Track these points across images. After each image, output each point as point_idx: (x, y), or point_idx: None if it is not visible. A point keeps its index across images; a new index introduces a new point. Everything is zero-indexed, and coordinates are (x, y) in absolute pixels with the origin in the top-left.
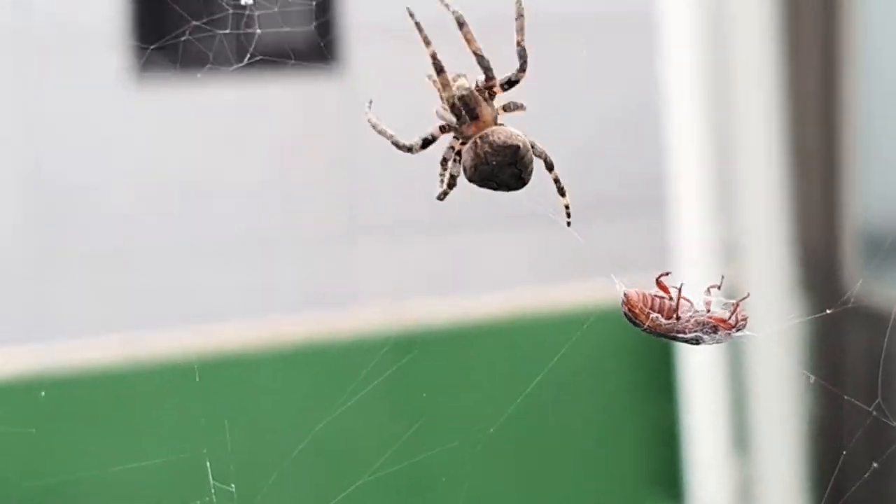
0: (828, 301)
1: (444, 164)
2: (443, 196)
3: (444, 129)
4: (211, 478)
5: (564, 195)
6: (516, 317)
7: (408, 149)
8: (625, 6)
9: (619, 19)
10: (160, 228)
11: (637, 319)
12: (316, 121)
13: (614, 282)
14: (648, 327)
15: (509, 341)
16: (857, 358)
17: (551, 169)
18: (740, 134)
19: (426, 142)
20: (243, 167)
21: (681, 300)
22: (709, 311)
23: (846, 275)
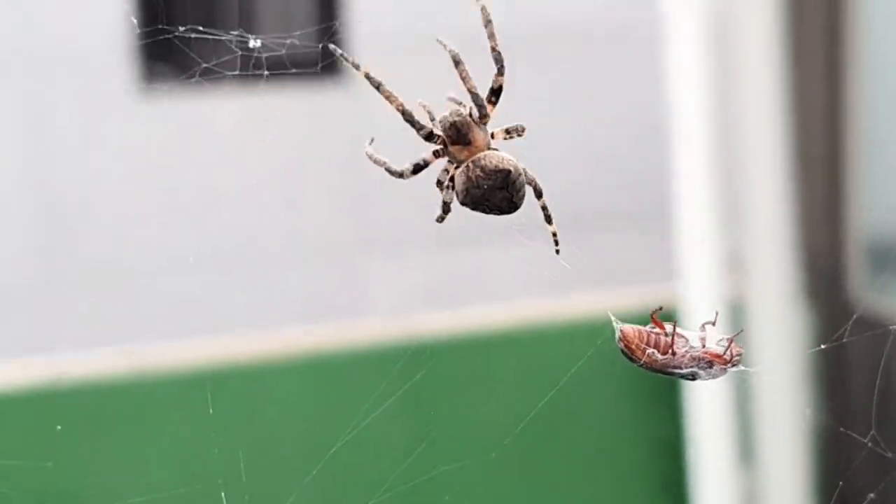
0: (832, 309)
1: (440, 185)
2: (441, 219)
3: (437, 155)
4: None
5: (551, 223)
6: (526, 329)
7: (399, 174)
8: (631, 20)
9: (626, 33)
10: (169, 241)
11: (633, 355)
12: (324, 133)
13: (612, 319)
14: (644, 363)
15: (519, 354)
16: (860, 371)
17: (540, 196)
18: (745, 144)
19: (417, 167)
20: (251, 180)
21: (676, 336)
22: (704, 346)
23: (851, 284)
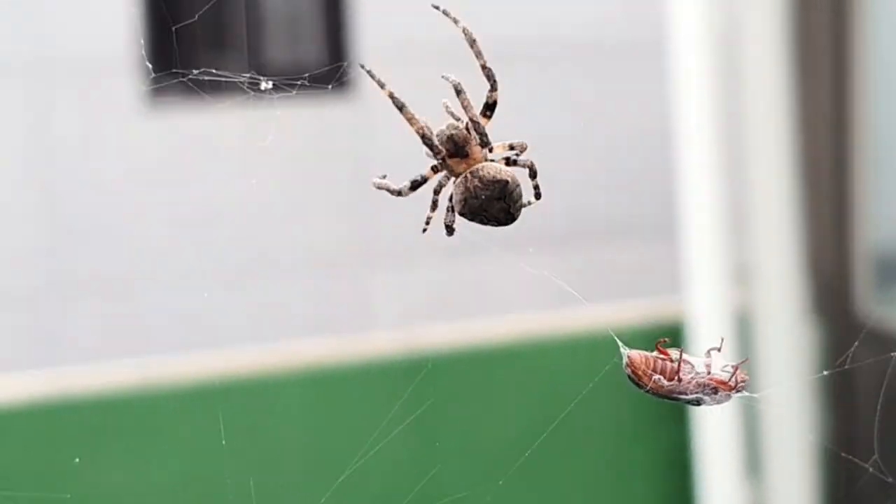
0: (840, 323)
1: (416, 186)
2: (449, 233)
3: (435, 170)
4: None
5: (539, 199)
6: (531, 342)
7: (398, 193)
8: (638, 34)
9: (633, 44)
10: (174, 254)
11: (640, 381)
12: (329, 146)
13: (619, 344)
14: (651, 389)
15: (525, 367)
16: (866, 389)
17: (534, 177)
18: (753, 157)
19: (415, 184)
20: (256, 193)
21: (682, 362)
22: (709, 372)
23: (858, 297)
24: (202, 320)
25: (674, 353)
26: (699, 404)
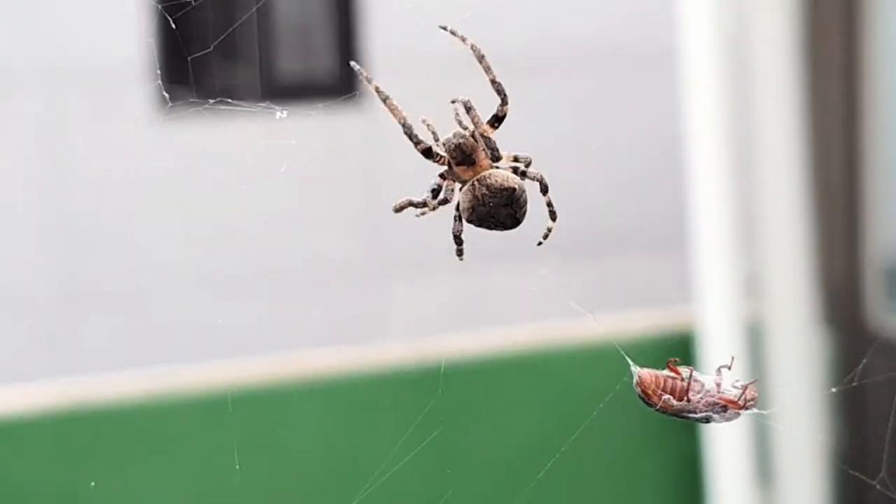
0: (851, 333)
1: (436, 194)
2: (458, 242)
3: (443, 177)
4: None
5: (555, 219)
6: (544, 352)
7: (422, 205)
8: (648, 44)
9: (644, 55)
10: (188, 265)
11: (650, 400)
12: (342, 156)
13: (629, 363)
14: (661, 408)
15: (538, 377)
16: (877, 401)
17: (545, 192)
18: (764, 168)
19: (435, 192)
20: (270, 203)
21: (692, 381)
22: (719, 391)
23: (869, 307)
24: (215, 331)
25: (684, 372)
26: (708, 422)
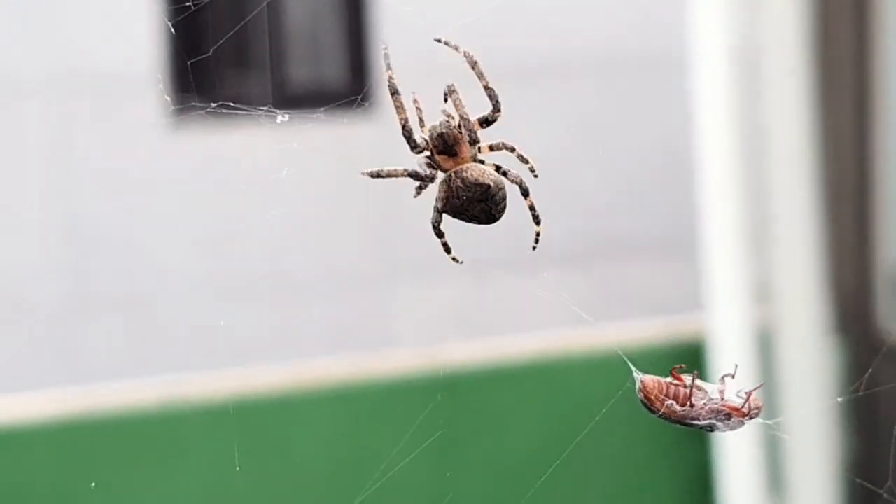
0: (861, 341)
1: (416, 176)
2: (438, 233)
3: (429, 165)
4: None
5: (538, 223)
6: (551, 359)
7: (415, 174)
8: (658, 48)
9: (653, 61)
10: (196, 271)
11: (652, 406)
12: (350, 162)
13: (632, 369)
14: (663, 414)
15: (545, 384)
16: (888, 403)
17: (526, 196)
18: (773, 174)
19: (415, 174)
20: (278, 210)
21: (695, 388)
22: (723, 398)
23: (879, 315)
24: (223, 337)
25: (688, 379)
26: (712, 430)
